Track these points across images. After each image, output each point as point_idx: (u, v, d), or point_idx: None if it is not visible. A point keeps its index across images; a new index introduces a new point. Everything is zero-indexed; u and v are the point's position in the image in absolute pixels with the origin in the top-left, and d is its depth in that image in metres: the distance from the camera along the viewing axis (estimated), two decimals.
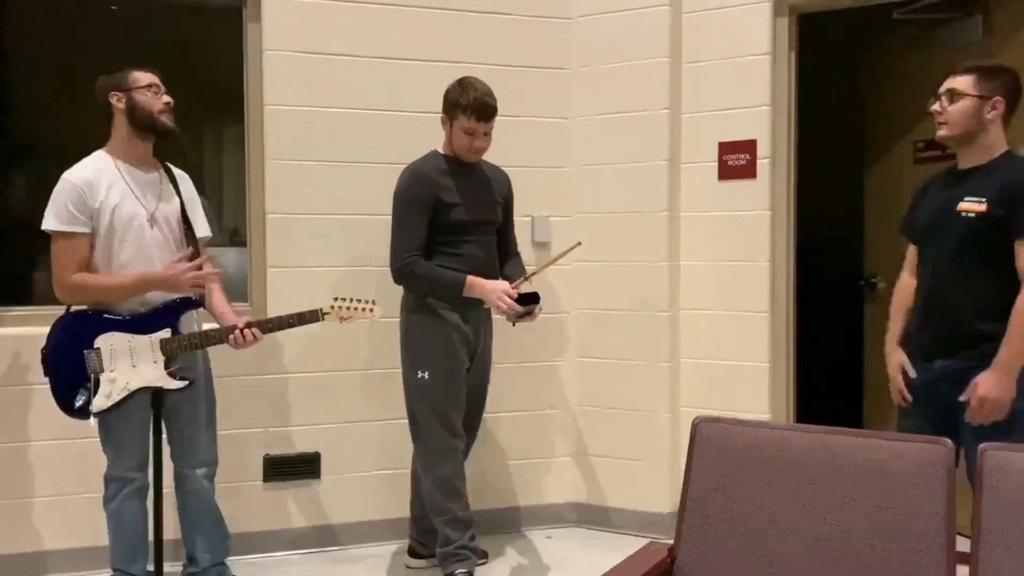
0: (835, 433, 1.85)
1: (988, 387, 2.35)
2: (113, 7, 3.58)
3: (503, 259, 3.22)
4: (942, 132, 2.49)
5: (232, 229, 3.71)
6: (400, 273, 2.98)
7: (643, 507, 3.62)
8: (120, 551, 2.76)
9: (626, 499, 3.66)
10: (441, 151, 3.10)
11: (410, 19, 3.51)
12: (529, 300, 2.95)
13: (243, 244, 3.50)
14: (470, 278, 2.96)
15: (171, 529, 3.04)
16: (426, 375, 3.01)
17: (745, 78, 3.46)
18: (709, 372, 3.58)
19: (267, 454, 3.41)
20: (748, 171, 3.44)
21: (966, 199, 2.44)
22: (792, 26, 3.47)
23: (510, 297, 2.92)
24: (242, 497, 3.38)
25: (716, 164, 3.53)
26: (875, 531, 1.72)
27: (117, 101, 2.70)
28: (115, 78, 2.71)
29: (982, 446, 1.72)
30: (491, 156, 3.19)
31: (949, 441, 1.75)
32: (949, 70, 2.54)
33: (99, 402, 2.63)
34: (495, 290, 2.94)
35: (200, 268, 2.73)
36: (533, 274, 3.08)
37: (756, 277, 3.48)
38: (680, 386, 3.64)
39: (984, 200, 2.40)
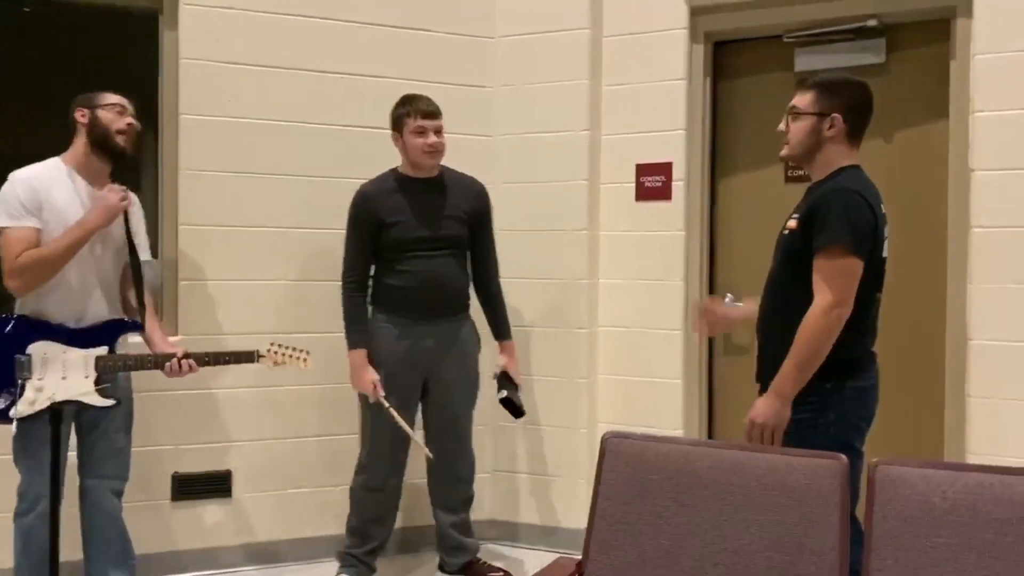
0: (739, 449, 1.90)
1: (757, 411, 2.29)
2: (25, 8, 3.47)
3: (481, 282, 3.25)
4: (783, 152, 2.43)
5: None
6: (342, 292, 3.10)
7: (561, 523, 3.64)
8: (26, 568, 2.69)
9: (544, 515, 3.69)
10: (399, 169, 3.16)
11: (332, 32, 3.49)
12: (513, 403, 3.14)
13: (155, 256, 3.41)
14: (356, 353, 3.04)
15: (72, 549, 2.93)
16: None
17: (662, 102, 3.54)
18: (625, 388, 3.64)
19: (176, 472, 3.32)
20: (664, 192, 3.52)
21: (792, 216, 2.37)
22: (707, 52, 3.57)
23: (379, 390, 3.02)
24: (150, 517, 3.28)
25: (634, 185, 3.60)
26: (774, 544, 1.77)
27: (81, 116, 2.77)
28: (86, 96, 2.79)
29: (874, 460, 1.79)
30: None
31: (844, 457, 1.82)
32: None
33: (22, 408, 2.59)
34: (360, 379, 3.03)
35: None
36: (393, 415, 3.03)
37: (671, 295, 3.55)
38: (597, 402, 3.69)
39: (798, 217, 2.33)
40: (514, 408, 3.14)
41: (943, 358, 3.21)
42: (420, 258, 3.07)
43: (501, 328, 3.28)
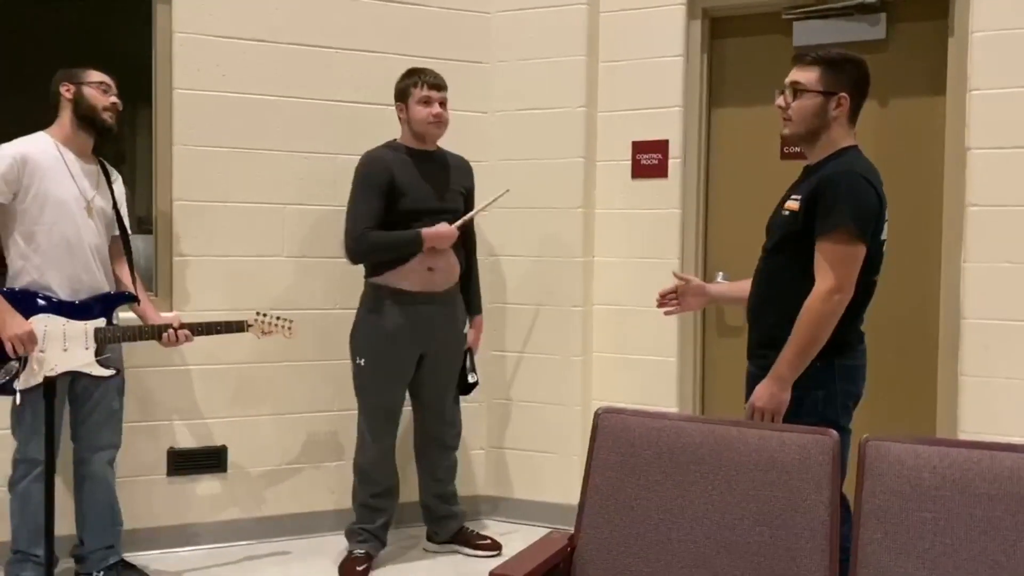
0: (729, 424, 1.91)
1: (757, 395, 2.27)
2: None
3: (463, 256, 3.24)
4: (786, 130, 2.34)
5: (139, 217, 3.61)
6: (356, 244, 3.01)
7: (555, 499, 3.66)
8: (24, 533, 2.76)
9: (538, 491, 3.70)
10: (399, 141, 3.17)
11: (328, 6, 3.46)
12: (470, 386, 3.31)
13: (150, 232, 3.41)
14: (424, 231, 3.00)
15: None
16: (362, 362, 3.12)
17: (659, 79, 3.52)
18: (620, 366, 3.65)
19: (172, 447, 3.33)
20: (660, 170, 3.51)
21: (791, 197, 2.31)
22: (705, 29, 3.55)
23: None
24: (146, 492, 3.29)
25: (630, 162, 3.59)
26: (763, 518, 1.78)
27: (66, 91, 2.79)
28: (70, 71, 2.82)
29: (864, 437, 1.80)
30: None
31: (835, 432, 1.83)
32: None
33: (26, 379, 2.67)
34: (444, 235, 3.02)
35: (31, 346, 2.68)
36: (467, 219, 3.15)
37: (666, 273, 3.54)
38: (592, 380, 3.69)
39: (799, 198, 2.26)
40: (469, 390, 3.32)
41: (936, 336, 3.22)
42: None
43: (475, 303, 3.34)
